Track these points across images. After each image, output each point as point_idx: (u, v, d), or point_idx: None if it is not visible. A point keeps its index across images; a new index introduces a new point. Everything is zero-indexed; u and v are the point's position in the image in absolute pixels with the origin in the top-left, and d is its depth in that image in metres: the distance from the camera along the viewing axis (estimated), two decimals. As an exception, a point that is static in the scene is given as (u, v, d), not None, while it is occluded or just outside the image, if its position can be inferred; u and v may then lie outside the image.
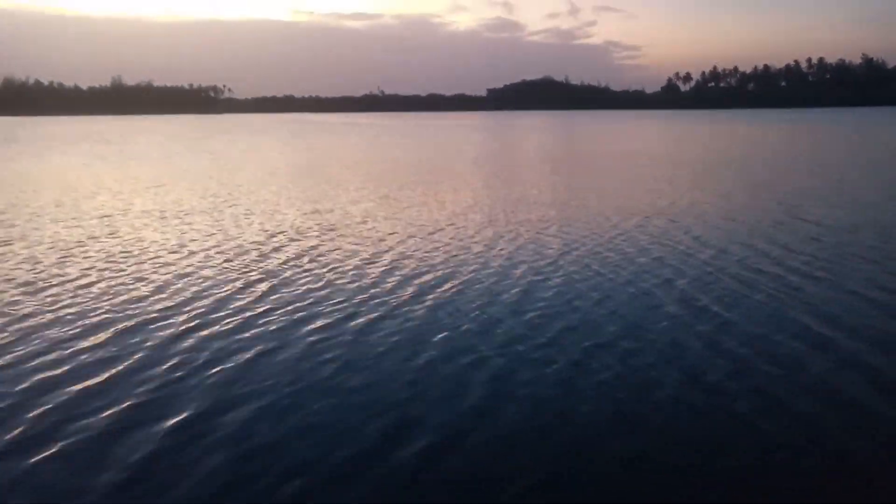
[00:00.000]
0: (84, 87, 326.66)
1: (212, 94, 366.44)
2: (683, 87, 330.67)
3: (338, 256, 12.70)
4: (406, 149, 48.10)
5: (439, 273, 11.38)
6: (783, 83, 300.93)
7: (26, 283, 10.76)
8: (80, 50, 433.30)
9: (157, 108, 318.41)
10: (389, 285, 10.64)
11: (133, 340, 8.15)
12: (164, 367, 7.33)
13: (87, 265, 12.04)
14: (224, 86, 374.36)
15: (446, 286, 10.54)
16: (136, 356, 7.64)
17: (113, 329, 8.56)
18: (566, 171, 29.41)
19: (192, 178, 27.53)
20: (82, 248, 13.50)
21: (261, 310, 9.37)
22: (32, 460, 5.40)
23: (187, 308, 9.46)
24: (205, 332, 8.45)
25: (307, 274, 11.37)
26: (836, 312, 8.95)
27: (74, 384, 6.86)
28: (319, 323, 8.80)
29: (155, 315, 9.14)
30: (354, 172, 29.81)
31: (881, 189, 22.10)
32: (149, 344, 8.04)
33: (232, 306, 9.53)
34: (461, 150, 46.58)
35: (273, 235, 14.80)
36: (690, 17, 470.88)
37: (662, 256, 12.49)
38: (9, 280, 11.01)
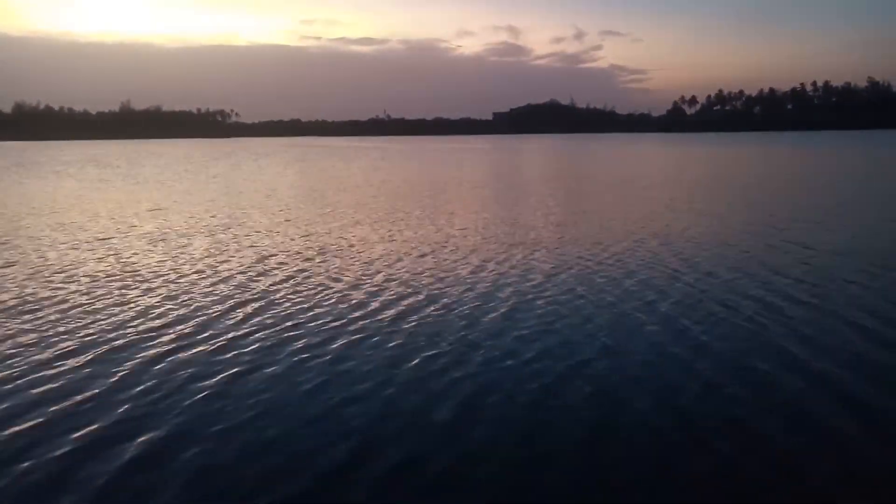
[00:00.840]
0: (93, 111, 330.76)
1: (219, 118, 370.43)
2: (689, 111, 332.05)
3: (325, 279, 12.77)
4: (407, 172, 48.42)
5: (423, 296, 11.43)
6: (789, 106, 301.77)
7: (17, 304, 10.86)
8: (91, 75, 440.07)
9: (166, 133, 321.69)
10: (372, 308, 10.70)
11: (115, 360, 8.24)
12: (141, 388, 7.40)
13: (77, 287, 12.15)
14: (231, 110, 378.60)
15: (429, 309, 10.59)
16: (116, 376, 7.73)
17: (95, 350, 8.64)
18: (563, 195, 29.52)
19: (190, 202, 27.78)
20: (76, 270, 13.63)
21: (242, 332, 9.44)
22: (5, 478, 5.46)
23: (170, 329, 9.54)
24: (185, 354, 8.53)
25: (293, 296, 11.45)
26: (816, 336, 8.94)
27: (50, 405, 6.94)
28: (300, 344, 8.87)
29: (137, 336, 9.23)
30: (352, 195, 30.02)
31: (877, 212, 22.09)
32: (129, 365, 8.12)
33: (215, 328, 9.61)
34: (461, 173, 46.86)
35: (263, 259, 14.90)
36: (695, 41, 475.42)
37: (649, 279, 12.52)
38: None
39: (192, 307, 10.75)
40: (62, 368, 8.00)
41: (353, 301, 11.12)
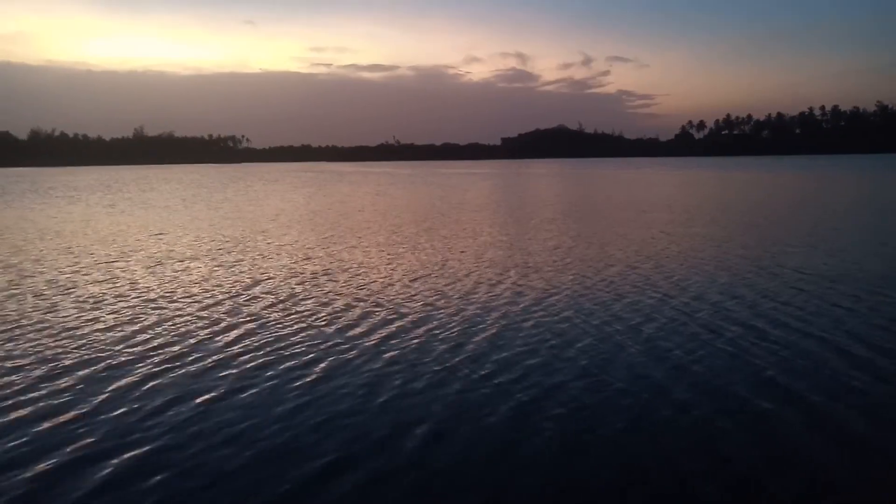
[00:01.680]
0: (107, 138, 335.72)
1: (230, 144, 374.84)
2: (697, 135, 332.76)
3: (315, 303, 12.94)
4: (411, 197, 48.76)
5: (411, 319, 11.57)
6: (797, 130, 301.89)
7: (11, 325, 11.08)
8: (105, 103, 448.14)
9: (178, 158, 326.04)
10: (360, 331, 10.84)
11: (94, 381, 8.41)
12: (124, 407, 7.57)
13: (68, 309, 12.37)
14: (242, 136, 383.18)
15: (416, 332, 10.73)
16: (95, 398, 7.89)
17: (75, 372, 8.82)
18: (562, 218, 29.65)
19: (193, 226, 28.14)
20: (71, 293, 13.86)
21: (228, 354, 9.61)
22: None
23: (154, 352, 9.72)
24: (165, 377, 8.69)
25: (281, 320, 11.61)
26: (793, 360, 9.00)
27: (27, 427, 7.09)
28: (281, 367, 9.02)
29: (119, 359, 9.40)
30: (354, 220, 30.29)
31: (876, 236, 22.07)
32: (106, 387, 8.28)
33: (199, 351, 9.78)
34: (465, 197, 47.14)
35: (257, 283, 15.10)
36: (702, 66, 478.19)
37: (637, 302, 12.60)
38: (-6, 325, 11.35)
39: (178, 330, 10.94)
40: (42, 390, 8.17)
41: (341, 324, 11.27)
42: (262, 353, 9.67)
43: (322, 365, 9.09)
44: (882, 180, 61.99)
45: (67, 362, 9.24)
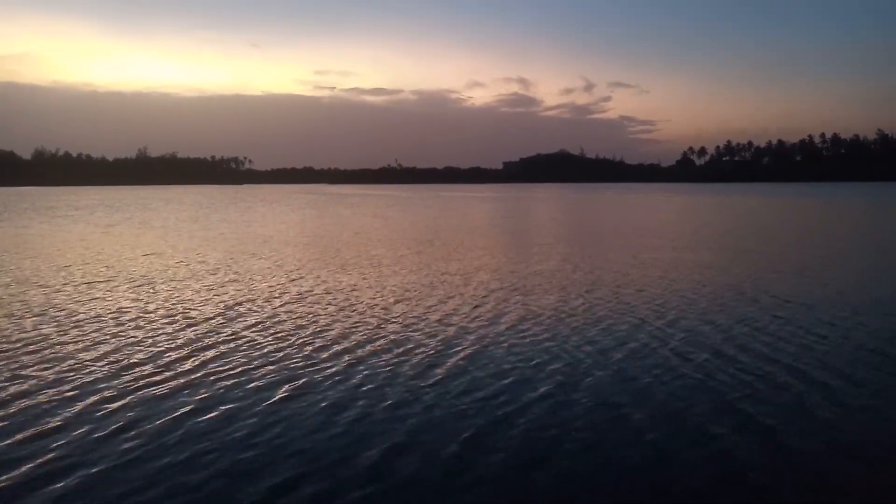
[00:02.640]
0: (111, 158, 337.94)
1: (233, 166, 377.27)
2: (698, 161, 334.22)
3: (292, 325, 13.04)
4: (408, 219, 48.96)
5: (387, 341, 11.66)
6: (798, 157, 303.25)
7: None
8: (110, 123, 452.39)
9: (180, 179, 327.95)
10: (334, 351, 10.95)
11: (68, 398, 8.49)
12: (88, 424, 7.65)
13: (49, 327, 12.48)
14: (245, 157, 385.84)
15: (389, 354, 10.82)
16: (65, 413, 7.96)
17: (49, 389, 8.91)
18: (553, 242, 29.76)
19: (187, 247, 28.31)
20: (55, 312, 13.98)
21: (196, 374, 9.70)
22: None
23: (131, 370, 9.82)
24: (139, 393, 8.78)
25: (257, 340, 11.72)
26: (758, 387, 9.06)
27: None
28: (250, 387, 9.11)
29: (93, 376, 9.49)
30: (347, 241, 30.43)
31: (861, 265, 22.16)
32: (79, 403, 8.36)
33: (171, 370, 9.89)
34: (461, 220, 47.32)
35: (239, 303, 15.21)
36: (703, 93, 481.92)
37: (613, 326, 12.69)
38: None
39: (153, 350, 11.03)
40: (12, 408, 8.25)
41: (317, 345, 11.35)
42: (231, 373, 9.75)
43: (289, 385, 9.17)
44: (879, 209, 62.20)
45: (35, 380, 9.33)
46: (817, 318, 13.25)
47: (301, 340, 11.69)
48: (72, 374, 9.66)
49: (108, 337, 11.90)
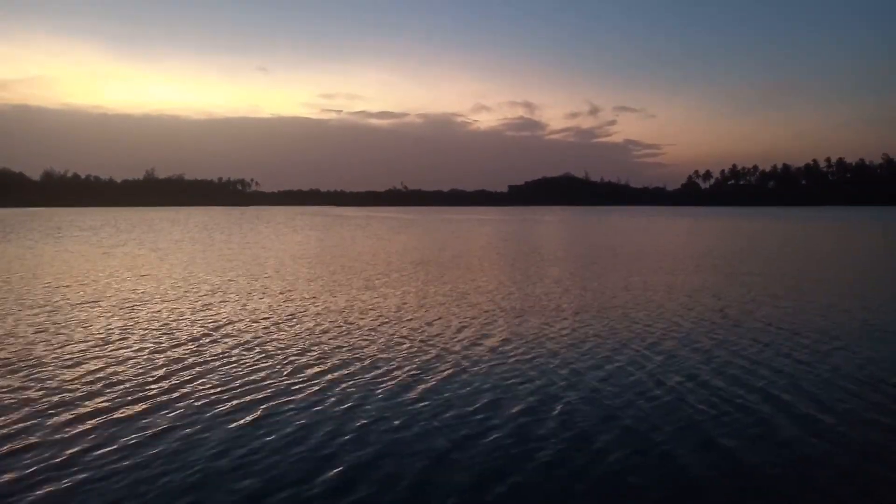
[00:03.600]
0: (119, 179, 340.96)
1: (239, 188, 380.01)
2: (703, 185, 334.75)
3: (274, 347, 13.14)
4: (409, 241, 49.13)
5: (363, 364, 11.77)
6: (803, 181, 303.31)
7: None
8: (118, 145, 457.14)
9: (187, 201, 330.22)
10: (311, 373, 11.04)
11: (38, 413, 8.61)
12: (61, 444, 7.76)
13: (38, 348, 12.65)
14: (252, 179, 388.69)
15: (366, 375, 10.93)
16: (40, 431, 8.08)
17: (26, 409, 9.05)
18: (548, 264, 29.82)
19: (184, 268, 28.52)
20: (41, 334, 14.16)
21: (172, 395, 9.82)
22: None
23: (106, 392, 9.94)
24: (106, 416, 8.90)
25: (234, 362, 11.84)
26: (728, 413, 9.08)
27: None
28: (219, 409, 9.21)
29: (70, 396, 9.62)
30: (344, 264, 30.56)
31: (854, 290, 22.13)
32: (51, 421, 8.48)
33: (146, 391, 10.01)
34: (460, 242, 47.45)
35: (228, 324, 15.36)
36: (709, 117, 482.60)
37: (593, 349, 12.77)
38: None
39: (131, 371, 11.17)
40: (-11, 425, 8.39)
41: (294, 365, 11.47)
42: (206, 392, 9.87)
43: (260, 406, 9.28)
44: (882, 233, 62.06)
45: (13, 400, 9.47)
46: (799, 344, 13.26)
47: (279, 361, 11.80)
48: (44, 390, 9.80)
49: (86, 357, 12.06)
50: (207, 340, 13.58)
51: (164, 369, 11.20)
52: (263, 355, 12.27)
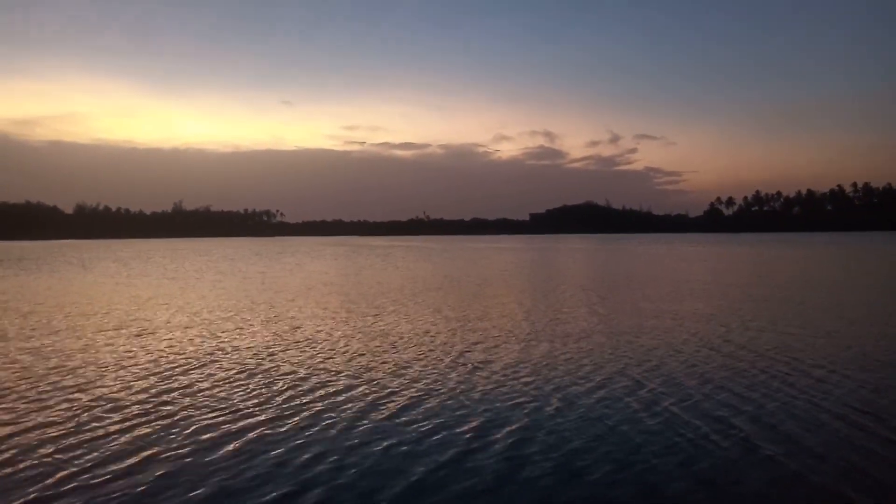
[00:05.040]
0: (148, 212, 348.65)
1: (265, 218, 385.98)
2: (726, 211, 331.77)
3: (261, 377, 13.29)
4: (425, 269, 49.51)
5: (361, 389, 12.11)
6: (829, 207, 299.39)
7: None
8: (147, 178, 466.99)
9: (214, 232, 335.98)
10: (306, 400, 11.40)
11: (22, 431, 9.10)
12: (41, 465, 8.22)
13: (38, 372, 13.23)
14: (277, 210, 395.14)
15: (361, 401, 11.26)
16: (23, 461, 8.56)
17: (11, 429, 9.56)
18: (564, 291, 29.97)
19: (201, 298, 29.20)
20: (47, 361, 14.76)
21: (165, 421, 10.26)
22: None
23: (98, 411, 10.42)
24: (89, 438, 9.35)
25: (237, 385, 12.26)
26: (675, 439, 9.12)
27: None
28: (200, 437, 9.53)
29: (55, 420, 10.13)
30: (360, 291, 31.01)
31: (852, 316, 21.98)
32: (30, 447, 8.97)
33: (138, 419, 10.46)
34: (481, 270, 47.70)
35: (232, 350, 15.82)
36: (730, 143, 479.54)
37: (589, 374, 12.93)
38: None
39: (119, 397, 11.67)
40: None
41: (283, 396, 11.78)
42: (199, 418, 10.22)
43: (249, 432, 9.67)
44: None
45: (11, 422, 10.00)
46: (801, 371, 13.17)
47: (265, 391, 11.99)
48: (26, 415, 10.34)
49: (84, 383, 12.61)
50: (204, 365, 14.04)
51: (164, 396, 11.66)
52: (261, 381, 12.66)
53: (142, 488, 7.47)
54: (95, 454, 8.56)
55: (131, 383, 12.47)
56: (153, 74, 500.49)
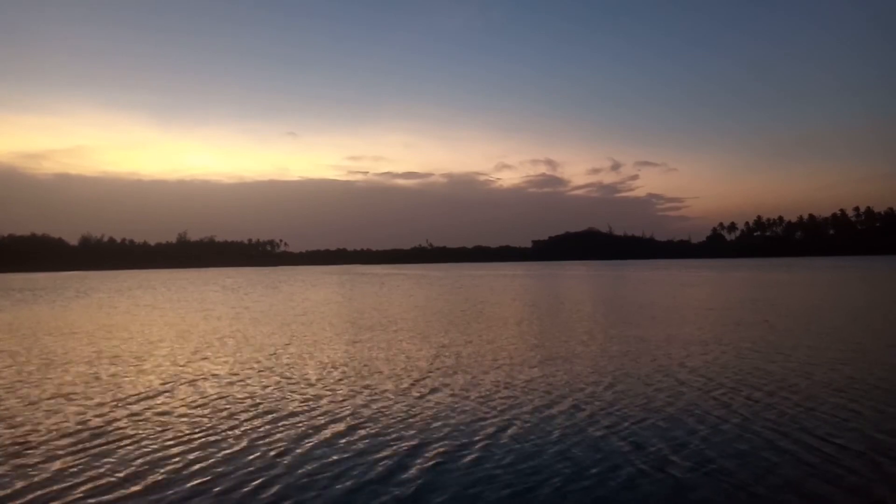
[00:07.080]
0: (152, 242, 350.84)
1: (269, 248, 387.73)
2: (728, 237, 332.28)
3: (246, 405, 13.62)
4: (431, 296, 49.84)
5: (345, 417, 12.44)
6: (831, 231, 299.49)
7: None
8: (152, 210, 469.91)
9: (218, 262, 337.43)
10: (288, 426, 11.75)
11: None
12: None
13: (31, 397, 13.60)
14: (280, 240, 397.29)
15: (337, 427, 11.60)
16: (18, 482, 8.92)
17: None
18: (560, 317, 30.24)
19: (196, 327, 29.58)
20: (42, 387, 15.14)
21: (136, 450, 10.62)
22: None
23: (83, 434, 10.78)
24: (77, 459, 9.71)
25: (217, 411, 12.62)
26: (640, 466, 9.31)
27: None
28: (176, 462, 9.94)
29: (45, 443, 10.49)
30: (353, 319, 31.32)
31: (838, 342, 22.18)
32: (22, 466, 9.33)
33: (120, 444, 10.83)
34: (473, 296, 47.98)
35: (205, 377, 16.19)
36: (731, 169, 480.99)
37: (548, 398, 13.24)
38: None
39: (110, 420, 12.05)
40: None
41: (263, 425, 12.16)
42: (163, 447, 10.55)
43: (213, 459, 10.02)
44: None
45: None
46: (786, 398, 13.08)
47: (243, 421, 12.25)
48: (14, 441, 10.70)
49: (71, 410, 12.98)
50: (179, 392, 14.42)
51: (148, 423, 12.01)
52: (233, 415, 12.96)
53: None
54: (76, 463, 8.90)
55: (87, 411, 12.82)
56: (159, 107, 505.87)
